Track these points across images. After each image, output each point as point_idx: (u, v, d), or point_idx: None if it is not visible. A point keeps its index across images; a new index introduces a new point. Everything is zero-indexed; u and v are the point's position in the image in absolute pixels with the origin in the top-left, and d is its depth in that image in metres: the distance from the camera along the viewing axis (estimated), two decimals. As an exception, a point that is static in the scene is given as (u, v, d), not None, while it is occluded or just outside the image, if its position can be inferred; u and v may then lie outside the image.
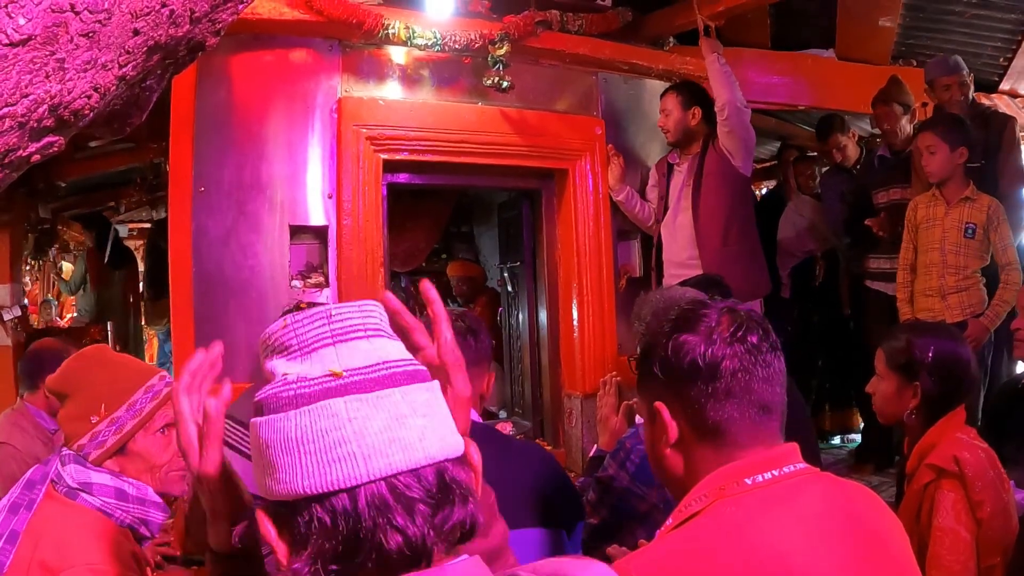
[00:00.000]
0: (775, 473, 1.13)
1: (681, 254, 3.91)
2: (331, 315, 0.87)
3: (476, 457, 0.92)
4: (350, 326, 0.87)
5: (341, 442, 0.79)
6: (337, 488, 0.78)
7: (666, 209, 4.02)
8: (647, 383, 1.26)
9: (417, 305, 6.70)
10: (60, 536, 1.56)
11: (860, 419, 5.18)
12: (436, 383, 0.89)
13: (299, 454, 0.80)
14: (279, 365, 0.87)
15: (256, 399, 0.85)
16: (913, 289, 3.69)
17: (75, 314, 7.81)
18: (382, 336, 0.89)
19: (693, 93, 3.93)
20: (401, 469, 0.80)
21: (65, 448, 1.70)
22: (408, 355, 0.89)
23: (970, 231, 3.47)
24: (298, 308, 2.84)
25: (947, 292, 3.50)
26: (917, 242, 3.67)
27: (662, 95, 4.04)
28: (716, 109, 3.79)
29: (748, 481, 1.12)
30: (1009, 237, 3.48)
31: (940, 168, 3.52)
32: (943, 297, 3.51)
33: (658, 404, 1.21)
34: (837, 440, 5.29)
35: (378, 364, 0.84)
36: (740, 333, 1.17)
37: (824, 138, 4.87)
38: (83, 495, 1.63)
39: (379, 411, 0.81)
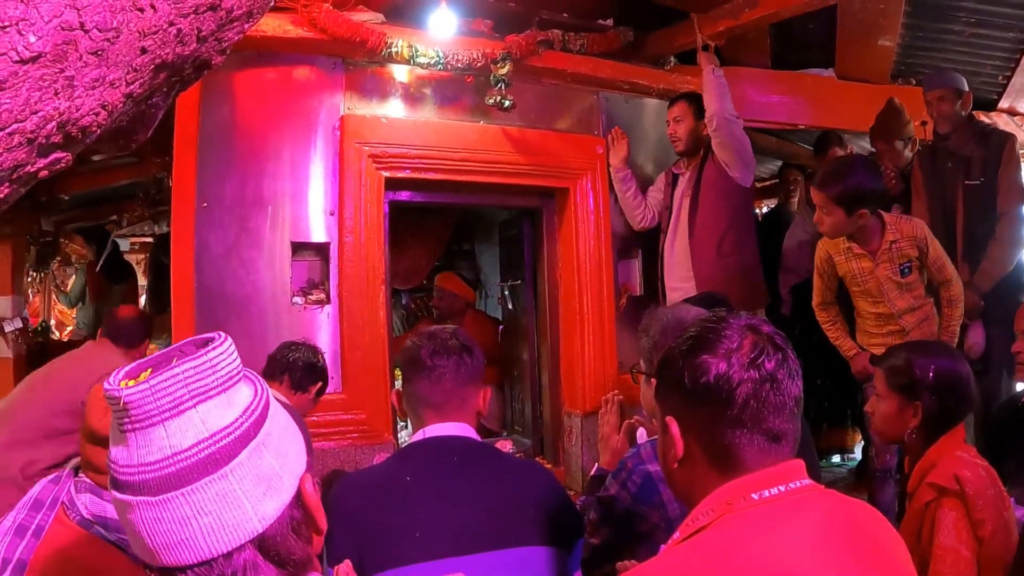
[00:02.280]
0: (781, 488, 1.12)
1: (680, 268, 3.92)
2: (126, 401, 0.88)
3: (309, 487, 1.00)
4: (143, 413, 0.88)
5: (145, 536, 0.89)
6: (158, 567, 0.91)
7: (670, 219, 4.03)
8: (663, 395, 1.26)
9: (417, 321, 6.71)
10: (73, 570, 1.52)
11: (858, 438, 5.18)
12: (238, 460, 0.91)
13: (129, 531, 0.92)
14: (111, 442, 0.93)
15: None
16: (863, 328, 3.53)
17: (74, 327, 7.82)
18: (183, 412, 0.90)
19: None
20: (193, 563, 0.90)
21: (83, 475, 1.62)
22: (216, 425, 0.91)
23: (906, 270, 3.30)
24: (305, 344, 2.96)
25: (910, 329, 3.37)
26: (849, 290, 3.49)
27: (671, 103, 4.06)
28: (705, 120, 3.79)
29: (755, 496, 1.11)
30: (941, 255, 3.31)
31: (835, 230, 3.31)
32: (905, 334, 3.36)
33: (669, 419, 1.21)
34: (837, 459, 5.29)
35: (167, 459, 0.88)
36: (759, 359, 1.15)
37: (823, 151, 4.88)
38: (97, 527, 1.56)
39: (165, 514, 0.88)
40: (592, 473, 2.33)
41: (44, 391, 3.34)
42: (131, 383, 0.90)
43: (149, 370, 0.92)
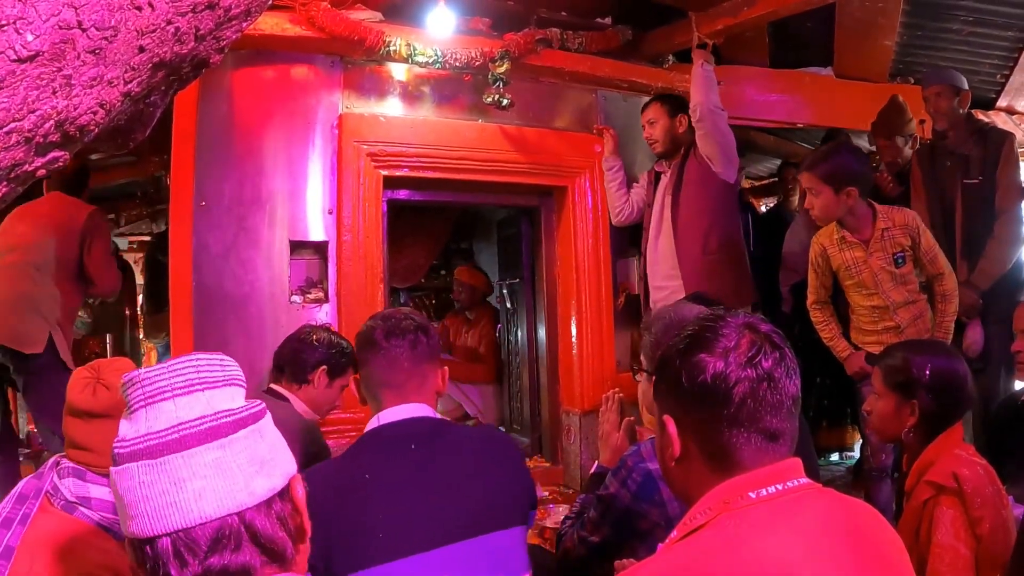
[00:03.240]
0: (779, 487, 1.12)
1: (664, 265, 3.89)
2: (141, 379, 0.98)
3: (299, 491, 1.06)
4: (157, 388, 0.98)
5: (134, 503, 0.94)
6: (141, 537, 0.95)
7: (651, 217, 4.01)
8: (660, 394, 1.26)
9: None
10: (58, 551, 1.54)
11: (857, 436, 5.17)
12: (236, 436, 0.98)
13: (120, 505, 0.97)
14: (122, 421, 1.00)
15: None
16: (858, 325, 3.50)
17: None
18: (192, 392, 0.99)
19: (677, 102, 3.94)
20: (177, 528, 0.93)
21: (64, 460, 1.67)
22: (220, 407, 0.99)
23: (900, 260, 3.29)
24: (325, 329, 2.86)
25: (905, 326, 3.34)
26: (843, 284, 3.48)
27: (644, 106, 4.03)
28: (690, 110, 3.77)
29: (752, 495, 1.11)
30: (933, 246, 3.31)
31: (824, 212, 3.32)
32: (900, 331, 3.34)
33: (666, 418, 1.21)
34: (835, 457, 5.29)
35: (172, 427, 0.96)
36: (757, 357, 1.15)
37: None
38: (81, 509, 1.61)
39: (161, 475, 0.94)
40: (592, 471, 2.33)
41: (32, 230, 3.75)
42: None
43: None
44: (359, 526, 1.62)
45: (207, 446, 0.96)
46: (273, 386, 2.80)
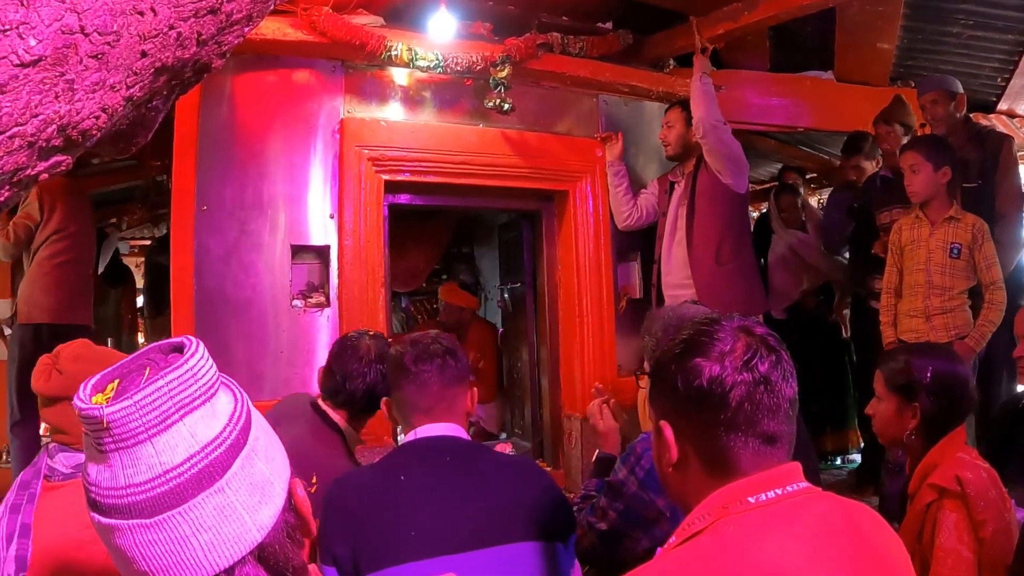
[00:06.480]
0: (778, 492, 1.11)
1: (678, 274, 3.90)
2: (107, 420, 0.82)
3: (299, 492, 0.98)
4: (129, 432, 0.83)
5: (136, 559, 0.85)
6: None
7: (666, 225, 4.03)
8: (656, 399, 1.25)
9: (417, 324, 6.71)
10: (79, 509, 1.58)
11: (860, 440, 5.17)
12: (233, 470, 0.88)
13: (117, 555, 0.87)
14: (87, 461, 0.88)
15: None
16: (897, 310, 3.64)
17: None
18: (171, 426, 0.85)
19: None
20: None
21: (52, 444, 1.73)
22: (205, 436, 0.87)
23: (955, 251, 3.42)
24: (374, 338, 2.44)
25: (932, 313, 3.43)
26: (902, 264, 3.63)
27: (667, 109, 4.06)
28: (692, 126, 3.78)
29: (751, 500, 1.10)
30: (993, 256, 3.42)
31: (923, 187, 3.49)
32: (928, 318, 3.45)
33: (663, 423, 1.21)
34: (838, 461, 5.29)
35: (158, 477, 0.84)
36: (753, 360, 1.14)
37: (849, 154, 4.85)
38: (80, 475, 1.67)
39: (161, 535, 0.84)
40: (594, 457, 2.36)
41: None
42: (102, 398, 0.85)
43: (117, 381, 0.87)
44: (390, 525, 1.66)
45: (205, 494, 0.85)
46: (323, 406, 2.35)
